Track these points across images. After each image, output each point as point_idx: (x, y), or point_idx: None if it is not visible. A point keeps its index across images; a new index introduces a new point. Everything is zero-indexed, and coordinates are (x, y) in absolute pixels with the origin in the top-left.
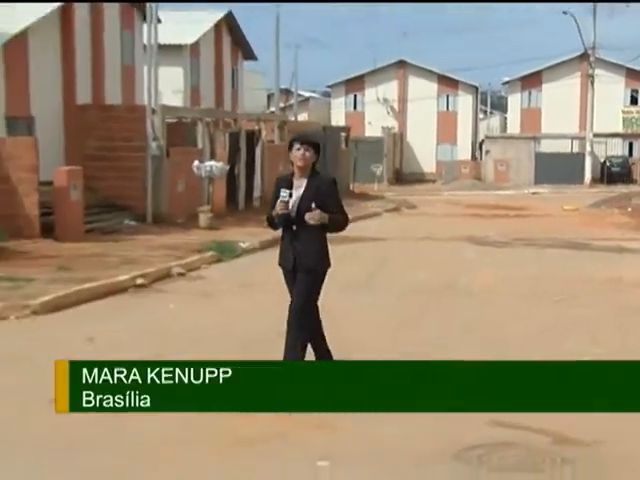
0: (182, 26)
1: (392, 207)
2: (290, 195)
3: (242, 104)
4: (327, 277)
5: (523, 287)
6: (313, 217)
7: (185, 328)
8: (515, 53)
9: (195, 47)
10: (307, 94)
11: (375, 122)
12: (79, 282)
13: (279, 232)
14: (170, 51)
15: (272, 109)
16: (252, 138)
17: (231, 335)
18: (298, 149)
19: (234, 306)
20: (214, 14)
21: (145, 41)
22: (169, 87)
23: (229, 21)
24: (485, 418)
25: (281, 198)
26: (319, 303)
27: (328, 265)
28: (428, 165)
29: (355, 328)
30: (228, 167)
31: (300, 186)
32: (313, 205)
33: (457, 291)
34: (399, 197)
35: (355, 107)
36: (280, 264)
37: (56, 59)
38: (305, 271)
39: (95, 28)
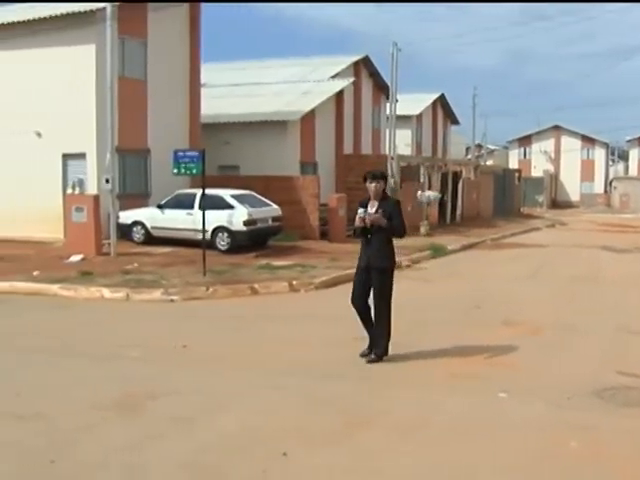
0: (411, 103)
1: (549, 224)
2: (365, 212)
3: (449, 153)
4: (503, 270)
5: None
6: (376, 217)
7: (412, 300)
8: (636, 120)
9: (419, 117)
10: (493, 147)
11: (538, 166)
12: (343, 268)
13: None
14: (403, 119)
15: (469, 157)
16: (456, 176)
17: (444, 304)
18: (370, 182)
19: (444, 287)
20: (432, 95)
21: (387, 112)
22: (402, 142)
23: (442, 100)
24: (615, 369)
25: (359, 214)
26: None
27: (394, 263)
28: (574, 196)
29: (526, 304)
30: (440, 195)
31: (373, 206)
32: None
33: (597, 280)
34: (554, 217)
35: (525, 156)
36: (358, 264)
37: (331, 125)
38: (379, 271)
39: (356, 104)
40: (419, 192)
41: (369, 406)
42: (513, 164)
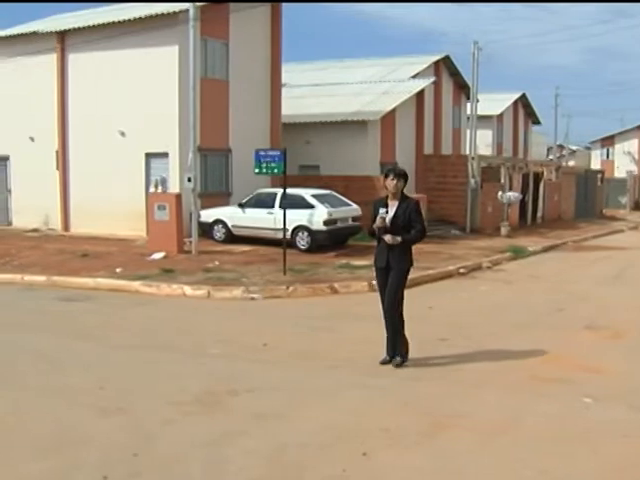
0: (491, 103)
1: (632, 226)
2: (386, 212)
3: (530, 154)
4: (586, 272)
5: None
6: (390, 239)
7: (493, 302)
8: None
9: (500, 117)
10: (575, 147)
11: (621, 167)
12: (423, 269)
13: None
14: (483, 119)
15: (550, 157)
16: (537, 177)
17: (525, 306)
18: (392, 179)
19: (525, 289)
20: (513, 94)
21: (468, 112)
22: (482, 143)
23: (523, 99)
24: None
25: (380, 214)
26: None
27: (411, 264)
28: None
29: (609, 307)
30: (521, 196)
31: (393, 206)
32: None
33: None
34: (637, 219)
35: (607, 157)
36: (375, 264)
37: (412, 125)
38: (397, 270)
39: (436, 104)
40: (500, 193)
41: (451, 407)
42: (595, 165)
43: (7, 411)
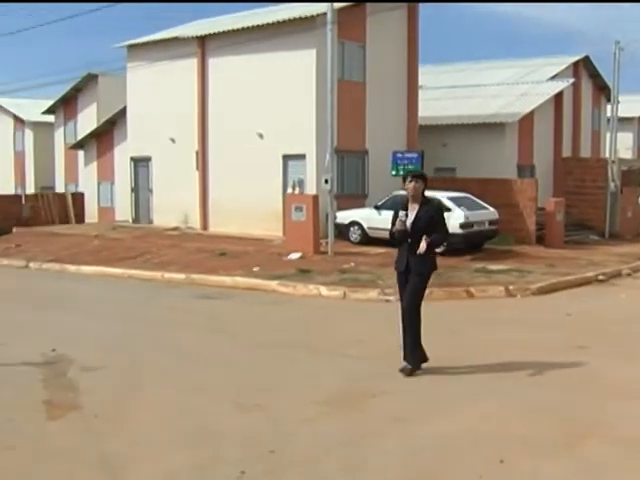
0: (633, 104)
1: None
2: (406, 216)
3: None
4: None
5: None
6: (420, 249)
7: (635, 310)
8: None
9: None
10: None
11: None
12: (561, 275)
13: None
14: (624, 121)
15: None
16: None
17: None
18: (410, 181)
19: None
20: None
21: (608, 114)
22: (622, 146)
23: None
24: None
25: (400, 217)
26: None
27: (435, 268)
28: None
29: None
30: None
31: (414, 209)
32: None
33: None
34: None
35: None
36: (395, 267)
37: (550, 127)
38: (417, 274)
39: (575, 106)
40: None
41: (589, 417)
42: None
43: (149, 406)
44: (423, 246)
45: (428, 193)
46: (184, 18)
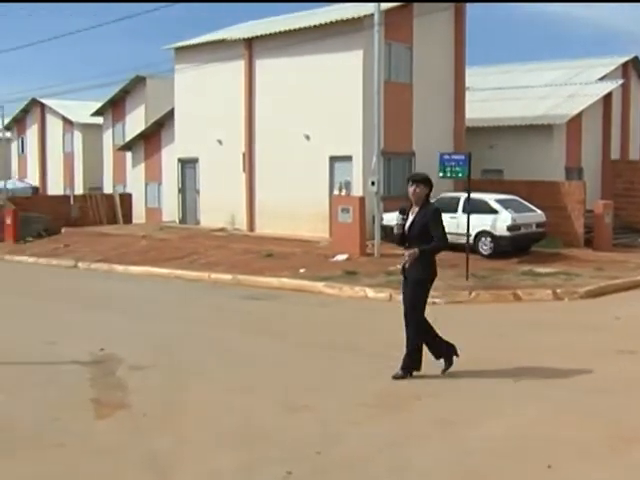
0: None
1: None
2: (404, 219)
3: None
4: None
5: None
6: (409, 255)
7: None
8: None
9: None
10: None
11: None
12: (609, 278)
13: None
14: None
15: None
16: None
17: None
18: (411, 186)
19: None
20: None
21: None
22: None
23: None
24: None
25: (398, 221)
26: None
27: (434, 275)
28: None
29: None
30: None
31: (414, 212)
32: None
33: None
34: None
35: None
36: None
37: (598, 129)
38: (413, 281)
39: (624, 107)
40: None
41: (638, 421)
42: None
43: (197, 406)
44: (409, 256)
45: (474, 195)
46: (230, 20)
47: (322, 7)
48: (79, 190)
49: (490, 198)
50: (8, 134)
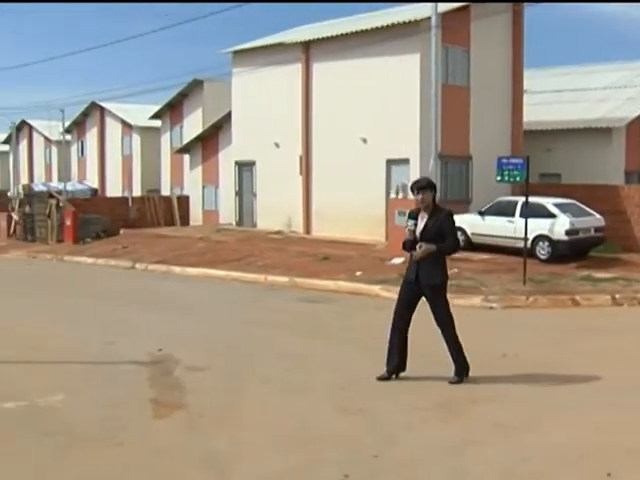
0: None
1: None
2: (415, 225)
3: None
4: None
5: None
6: (422, 250)
7: None
8: None
9: None
10: None
11: None
12: None
13: None
14: None
15: None
16: None
17: None
18: (417, 194)
19: None
20: None
21: None
22: None
23: None
24: None
25: (409, 227)
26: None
27: (446, 277)
28: None
29: None
30: None
31: (424, 218)
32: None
33: None
34: None
35: None
36: (404, 277)
37: None
38: (431, 287)
39: None
40: None
41: None
42: None
43: (253, 407)
44: (420, 252)
45: (532, 199)
46: (286, 24)
47: (380, 10)
48: (137, 192)
49: (548, 202)
50: (68, 137)
